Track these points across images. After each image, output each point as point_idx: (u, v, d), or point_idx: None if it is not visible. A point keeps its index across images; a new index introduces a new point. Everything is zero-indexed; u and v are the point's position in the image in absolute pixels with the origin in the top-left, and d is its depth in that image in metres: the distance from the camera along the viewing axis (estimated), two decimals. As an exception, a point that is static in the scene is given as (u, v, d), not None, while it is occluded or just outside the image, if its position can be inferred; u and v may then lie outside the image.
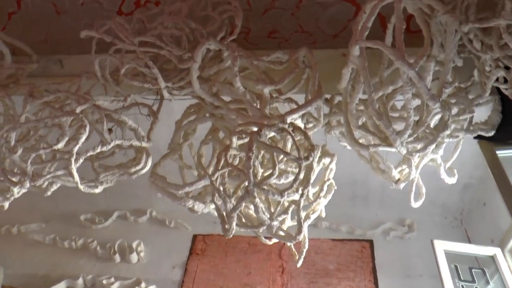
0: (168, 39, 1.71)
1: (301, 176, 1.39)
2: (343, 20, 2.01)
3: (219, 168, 1.43)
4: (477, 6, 1.50)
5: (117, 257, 2.82)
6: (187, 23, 1.71)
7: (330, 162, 1.79)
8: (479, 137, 1.85)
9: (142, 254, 2.84)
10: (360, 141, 1.68)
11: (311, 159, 1.38)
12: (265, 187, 1.39)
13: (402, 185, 1.76)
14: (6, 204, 1.79)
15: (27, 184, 1.71)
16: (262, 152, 1.61)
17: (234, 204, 1.39)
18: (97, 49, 1.85)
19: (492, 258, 2.17)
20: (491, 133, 1.81)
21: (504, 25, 1.34)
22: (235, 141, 1.48)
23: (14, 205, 1.79)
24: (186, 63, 1.64)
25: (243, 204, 1.39)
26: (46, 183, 1.79)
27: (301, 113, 1.50)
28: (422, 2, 1.47)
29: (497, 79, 1.59)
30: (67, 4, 2.33)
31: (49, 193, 1.82)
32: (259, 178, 1.55)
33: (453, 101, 1.71)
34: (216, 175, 1.44)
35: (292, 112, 1.48)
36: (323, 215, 1.77)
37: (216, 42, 1.57)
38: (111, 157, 1.86)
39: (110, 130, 1.83)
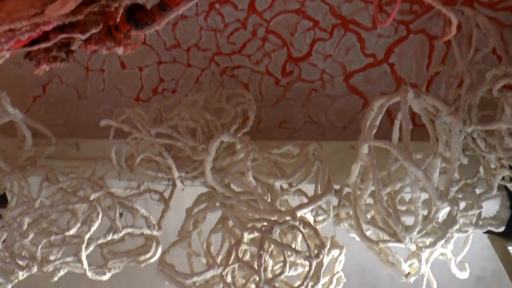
0: (184, 129, 1.79)
1: (311, 273, 1.39)
2: (351, 112, 2.09)
3: (230, 263, 1.44)
4: (479, 105, 1.57)
5: None
6: (202, 114, 1.79)
7: (339, 254, 1.79)
8: (489, 232, 1.84)
9: None
10: (369, 232, 1.70)
11: (321, 256, 1.39)
12: (276, 284, 1.39)
13: (412, 279, 1.75)
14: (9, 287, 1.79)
15: (35, 269, 1.72)
16: (272, 245, 1.62)
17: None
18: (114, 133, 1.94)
19: None
20: (501, 229, 1.81)
21: (505, 129, 1.39)
22: (246, 236, 1.50)
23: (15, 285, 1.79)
24: (200, 154, 1.70)
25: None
26: (53, 268, 1.80)
27: (311, 208, 1.53)
28: (427, 102, 1.54)
29: (503, 178, 1.61)
30: (88, 89, 2.46)
31: (55, 278, 1.81)
32: (269, 272, 1.55)
33: (460, 195, 1.74)
34: (226, 270, 1.44)
35: (302, 206, 1.51)
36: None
37: (230, 135, 1.64)
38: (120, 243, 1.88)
39: (121, 215, 1.87)
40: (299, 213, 1.48)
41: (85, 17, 0.94)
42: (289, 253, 1.53)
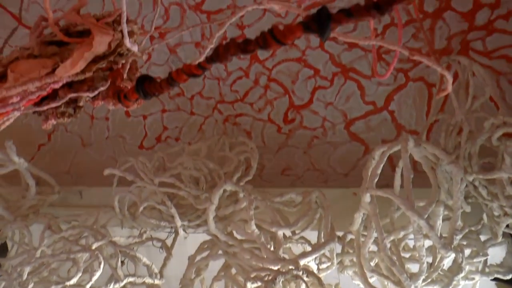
0: (187, 178, 1.80)
1: (316, 325, 1.37)
2: (353, 159, 2.11)
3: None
4: (479, 152, 1.59)
5: None
6: (205, 163, 1.81)
7: (344, 304, 1.75)
8: (496, 279, 1.82)
9: None
10: (373, 279, 1.68)
11: (325, 308, 1.37)
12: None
13: (420, 328, 1.71)
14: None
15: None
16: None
17: None
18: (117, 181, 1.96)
19: None
20: (509, 276, 1.78)
21: (506, 178, 1.40)
22: (250, 286, 1.48)
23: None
24: (203, 203, 1.71)
25: None
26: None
27: (314, 256, 1.52)
28: (427, 151, 1.56)
29: (507, 225, 1.61)
30: (93, 137, 2.49)
31: (56, 329, 1.78)
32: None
33: (465, 242, 1.73)
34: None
35: (305, 255, 1.50)
36: None
37: (233, 184, 1.65)
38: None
39: (122, 263, 1.85)
40: (302, 262, 1.47)
41: (93, 73, 0.97)
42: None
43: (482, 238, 1.78)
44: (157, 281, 1.77)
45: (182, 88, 2.32)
